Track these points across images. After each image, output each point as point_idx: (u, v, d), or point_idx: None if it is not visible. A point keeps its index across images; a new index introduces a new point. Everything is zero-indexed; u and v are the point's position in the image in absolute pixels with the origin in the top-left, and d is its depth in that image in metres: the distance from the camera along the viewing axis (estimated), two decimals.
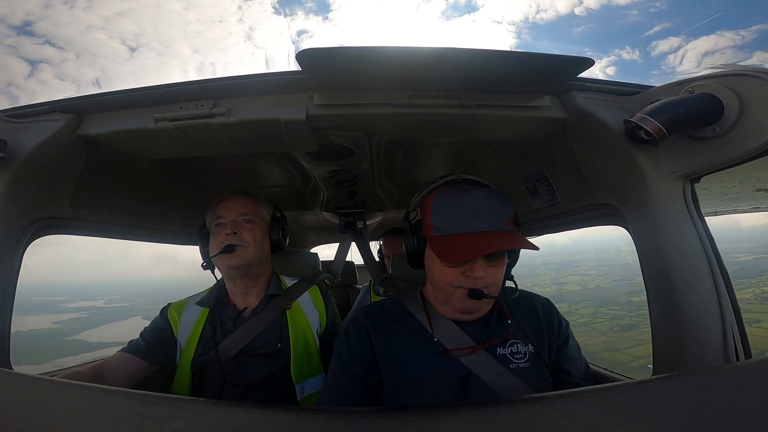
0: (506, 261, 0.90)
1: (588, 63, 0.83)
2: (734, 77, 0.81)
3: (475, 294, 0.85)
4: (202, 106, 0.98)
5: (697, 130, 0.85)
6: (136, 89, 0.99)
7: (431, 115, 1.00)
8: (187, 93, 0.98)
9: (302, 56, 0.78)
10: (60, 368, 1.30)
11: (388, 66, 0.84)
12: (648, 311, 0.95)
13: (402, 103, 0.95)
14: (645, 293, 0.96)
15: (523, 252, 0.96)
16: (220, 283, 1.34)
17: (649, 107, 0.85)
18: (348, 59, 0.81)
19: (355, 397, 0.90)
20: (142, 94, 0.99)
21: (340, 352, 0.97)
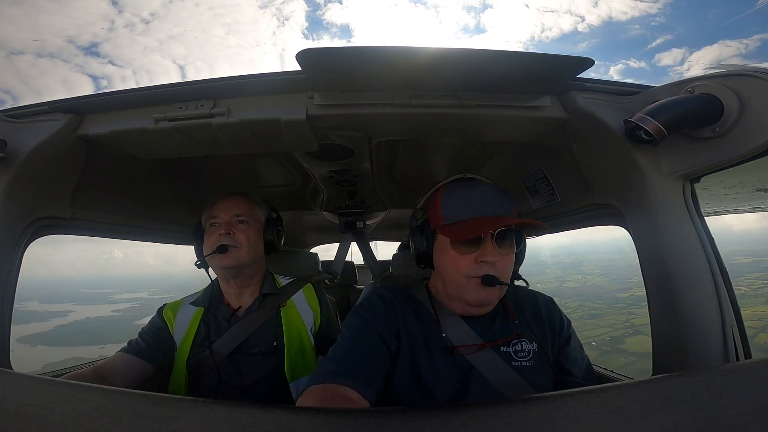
0: (515, 251, 0.90)
1: (588, 63, 0.83)
2: (734, 77, 0.81)
3: (489, 280, 0.84)
4: (202, 106, 0.98)
5: (697, 130, 0.85)
6: (136, 89, 0.99)
7: (431, 115, 1.00)
8: (187, 93, 0.98)
9: (302, 56, 0.77)
10: None
11: (388, 66, 0.83)
12: (648, 313, 0.95)
13: (402, 103, 0.95)
14: (632, 290, 0.96)
15: (536, 250, 0.96)
16: (214, 283, 1.34)
17: (649, 107, 0.85)
18: (348, 59, 0.81)
19: (374, 353, 0.85)
20: (142, 94, 0.99)
21: (363, 314, 0.92)
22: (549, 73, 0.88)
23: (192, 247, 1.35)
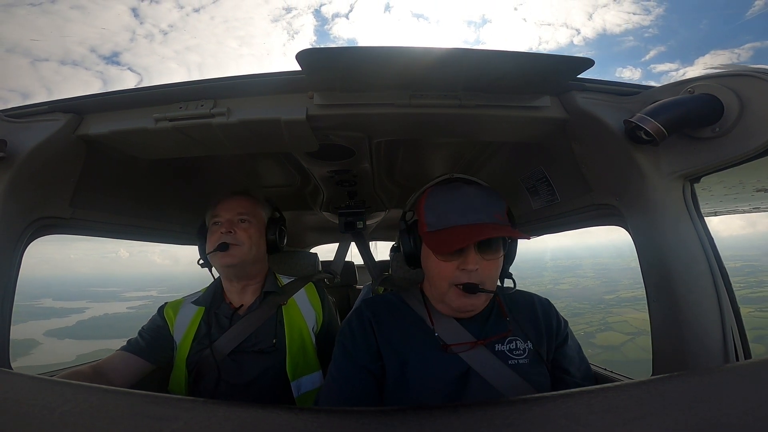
0: (501, 255, 0.90)
1: (588, 63, 0.83)
2: (734, 77, 0.81)
3: (470, 288, 0.85)
4: (202, 106, 0.98)
5: (697, 131, 0.85)
6: (136, 89, 0.99)
7: (431, 115, 1.00)
8: (187, 93, 0.98)
9: (302, 56, 0.77)
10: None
11: (388, 66, 0.83)
12: (648, 313, 0.95)
13: (402, 103, 0.95)
14: (618, 292, 0.96)
15: (535, 252, 0.96)
16: (216, 282, 1.35)
17: (649, 107, 0.85)
18: (348, 59, 0.81)
19: (361, 388, 0.90)
20: (142, 94, 0.99)
21: (345, 343, 0.96)
22: (549, 74, 0.88)
23: (196, 247, 1.36)
